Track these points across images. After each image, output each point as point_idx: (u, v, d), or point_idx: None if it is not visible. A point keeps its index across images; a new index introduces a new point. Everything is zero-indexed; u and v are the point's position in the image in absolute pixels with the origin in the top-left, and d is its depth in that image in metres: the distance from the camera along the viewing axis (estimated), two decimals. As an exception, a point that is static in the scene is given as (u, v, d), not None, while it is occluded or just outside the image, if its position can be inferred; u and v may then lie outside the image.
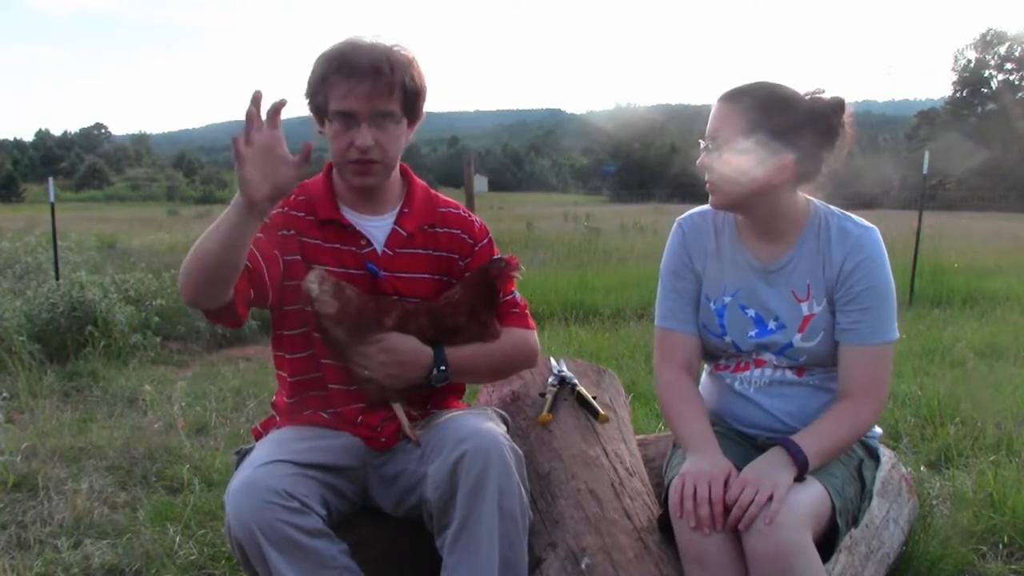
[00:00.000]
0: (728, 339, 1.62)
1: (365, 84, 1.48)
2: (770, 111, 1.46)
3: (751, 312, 1.59)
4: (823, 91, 1.51)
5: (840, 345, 1.54)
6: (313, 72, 1.53)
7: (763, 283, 1.58)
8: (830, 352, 1.56)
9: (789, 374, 1.60)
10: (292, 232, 1.59)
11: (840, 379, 1.55)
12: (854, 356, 1.53)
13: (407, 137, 1.61)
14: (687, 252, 1.65)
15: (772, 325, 1.58)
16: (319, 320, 1.55)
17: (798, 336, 1.56)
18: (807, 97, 1.50)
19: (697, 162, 1.53)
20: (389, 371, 1.55)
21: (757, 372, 1.62)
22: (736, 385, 1.64)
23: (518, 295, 1.75)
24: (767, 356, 1.61)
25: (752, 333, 1.59)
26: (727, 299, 1.61)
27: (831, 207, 1.59)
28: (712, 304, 1.62)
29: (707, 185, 1.54)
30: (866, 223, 1.56)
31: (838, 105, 1.50)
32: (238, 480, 1.40)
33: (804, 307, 1.56)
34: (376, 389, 1.59)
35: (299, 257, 1.58)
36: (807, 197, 1.59)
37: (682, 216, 1.68)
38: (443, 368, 1.58)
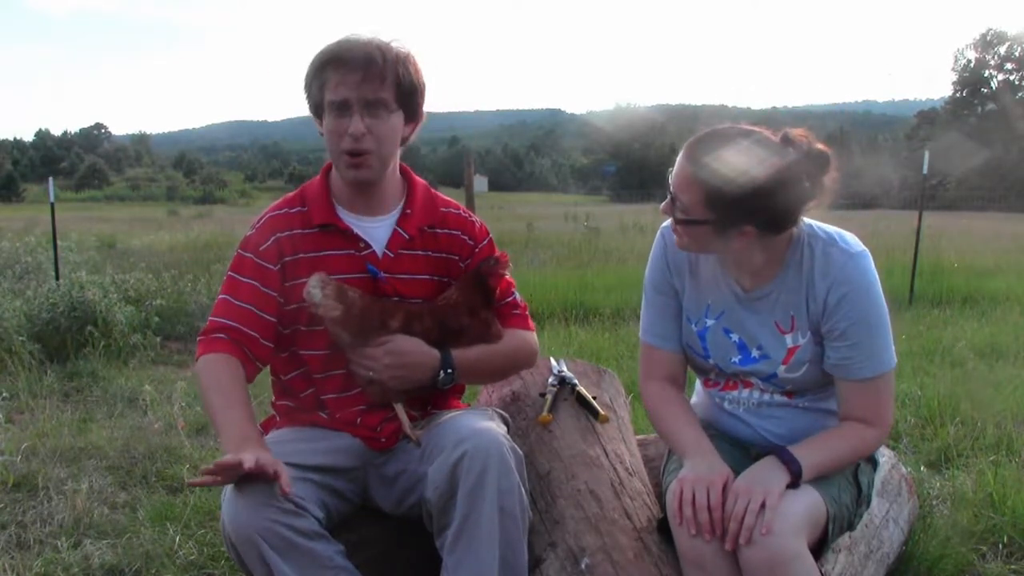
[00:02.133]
0: (711, 362, 1.59)
1: (357, 73, 1.48)
2: (729, 190, 1.35)
3: (735, 337, 1.55)
4: (803, 141, 1.38)
5: (836, 379, 1.49)
6: (308, 69, 1.53)
7: (745, 310, 1.53)
8: (818, 379, 1.52)
9: (778, 396, 1.56)
10: (278, 266, 1.57)
11: (840, 410, 1.50)
12: (852, 390, 1.47)
13: (409, 136, 1.60)
14: (668, 266, 1.60)
15: (756, 353, 1.53)
16: (324, 324, 1.54)
17: (782, 368, 1.51)
18: (782, 144, 1.38)
19: (661, 208, 1.47)
20: (395, 373, 1.55)
21: (746, 392, 1.59)
22: (725, 404, 1.62)
23: (519, 296, 1.75)
24: (754, 380, 1.57)
25: (735, 359, 1.55)
26: (709, 322, 1.57)
27: (817, 228, 1.48)
28: (694, 326, 1.59)
29: (671, 226, 1.49)
30: (854, 246, 1.46)
31: (821, 161, 1.39)
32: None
33: (788, 339, 1.50)
34: (379, 391, 1.58)
35: (293, 282, 1.57)
36: None
37: (664, 224, 1.59)
38: (450, 371, 1.58)
